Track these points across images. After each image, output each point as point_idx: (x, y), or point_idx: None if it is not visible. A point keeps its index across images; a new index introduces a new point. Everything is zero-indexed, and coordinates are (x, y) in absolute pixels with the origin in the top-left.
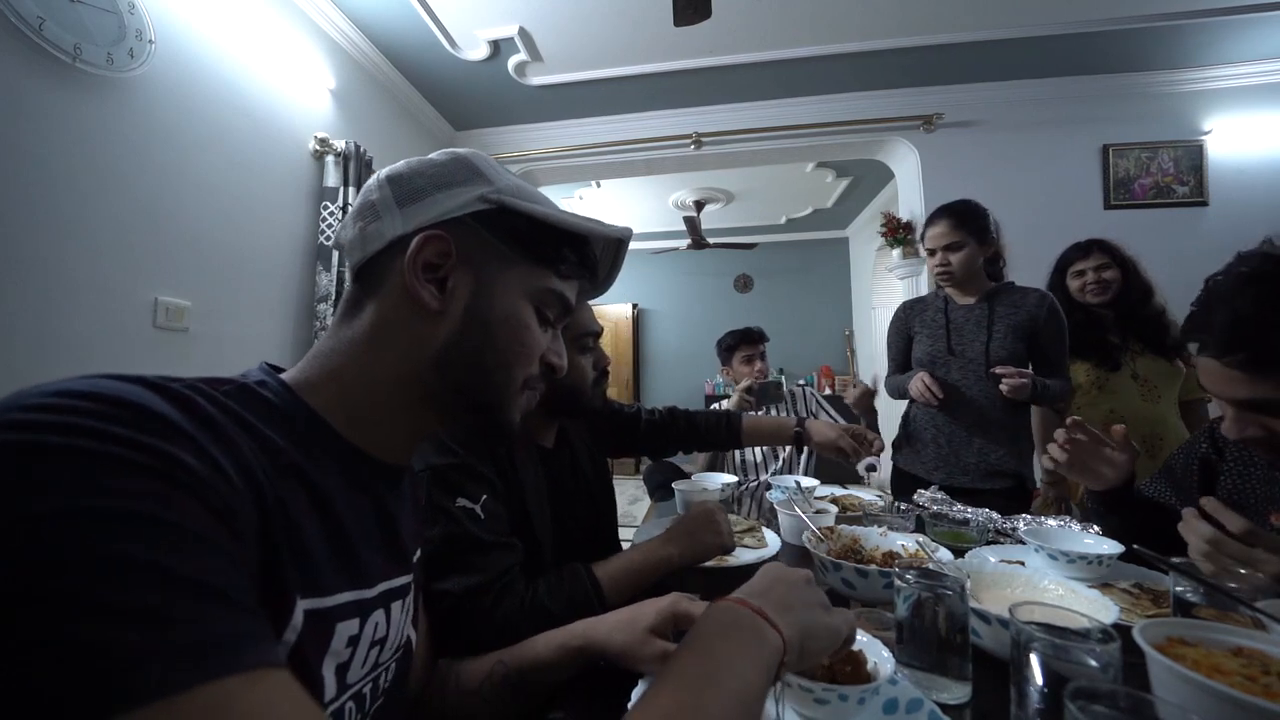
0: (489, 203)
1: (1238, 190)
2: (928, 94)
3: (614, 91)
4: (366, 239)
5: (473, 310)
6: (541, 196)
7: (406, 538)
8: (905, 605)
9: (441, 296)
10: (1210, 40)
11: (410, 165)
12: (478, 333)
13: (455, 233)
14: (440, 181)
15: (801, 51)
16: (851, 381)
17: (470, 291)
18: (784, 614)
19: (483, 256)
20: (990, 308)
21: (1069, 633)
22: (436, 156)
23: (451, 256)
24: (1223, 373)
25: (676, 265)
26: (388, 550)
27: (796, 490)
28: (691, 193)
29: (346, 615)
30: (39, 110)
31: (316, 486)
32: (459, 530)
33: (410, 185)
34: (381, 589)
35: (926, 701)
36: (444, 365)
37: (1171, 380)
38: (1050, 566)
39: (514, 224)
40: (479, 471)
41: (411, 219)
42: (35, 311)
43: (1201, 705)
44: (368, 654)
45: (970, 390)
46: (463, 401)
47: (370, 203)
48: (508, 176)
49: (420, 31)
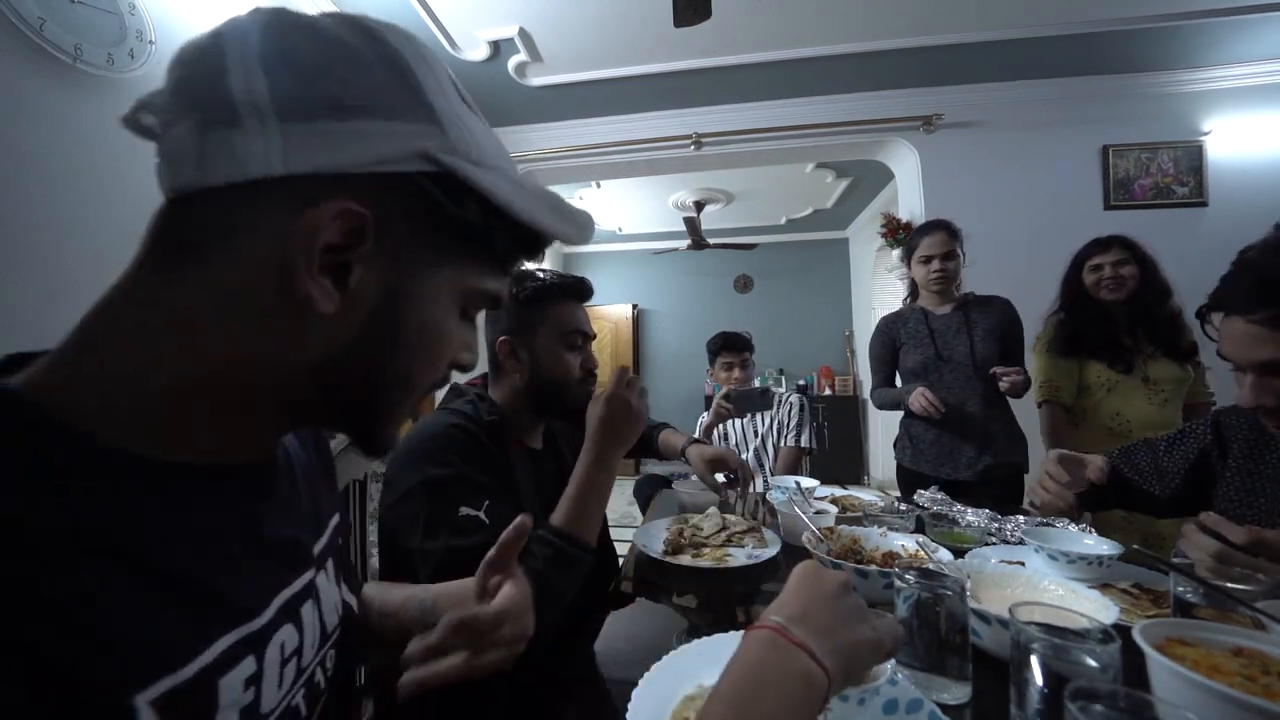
0: (432, 163)
1: (1238, 191)
2: (928, 94)
3: (614, 92)
4: (209, 158)
5: (379, 318)
6: (501, 148)
7: (302, 530)
8: (905, 605)
9: (338, 295)
10: (1210, 40)
11: (308, 39)
12: (379, 344)
13: (376, 202)
14: (353, 95)
15: (801, 52)
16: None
17: (381, 293)
18: (827, 640)
19: (407, 245)
20: (966, 314)
21: (1069, 633)
22: (340, 33)
23: (366, 242)
24: (1246, 331)
25: (676, 265)
26: (274, 560)
27: (796, 490)
28: (691, 193)
29: (230, 664)
30: (39, 110)
31: (123, 544)
32: (465, 542)
33: (305, 84)
34: (277, 605)
35: (926, 702)
36: (324, 378)
37: (1180, 385)
38: (1050, 567)
39: (462, 203)
40: (478, 480)
41: (299, 153)
42: (36, 312)
43: (1201, 705)
44: (281, 674)
45: (960, 391)
46: (340, 417)
47: (226, 93)
48: (464, 112)
49: (420, 31)
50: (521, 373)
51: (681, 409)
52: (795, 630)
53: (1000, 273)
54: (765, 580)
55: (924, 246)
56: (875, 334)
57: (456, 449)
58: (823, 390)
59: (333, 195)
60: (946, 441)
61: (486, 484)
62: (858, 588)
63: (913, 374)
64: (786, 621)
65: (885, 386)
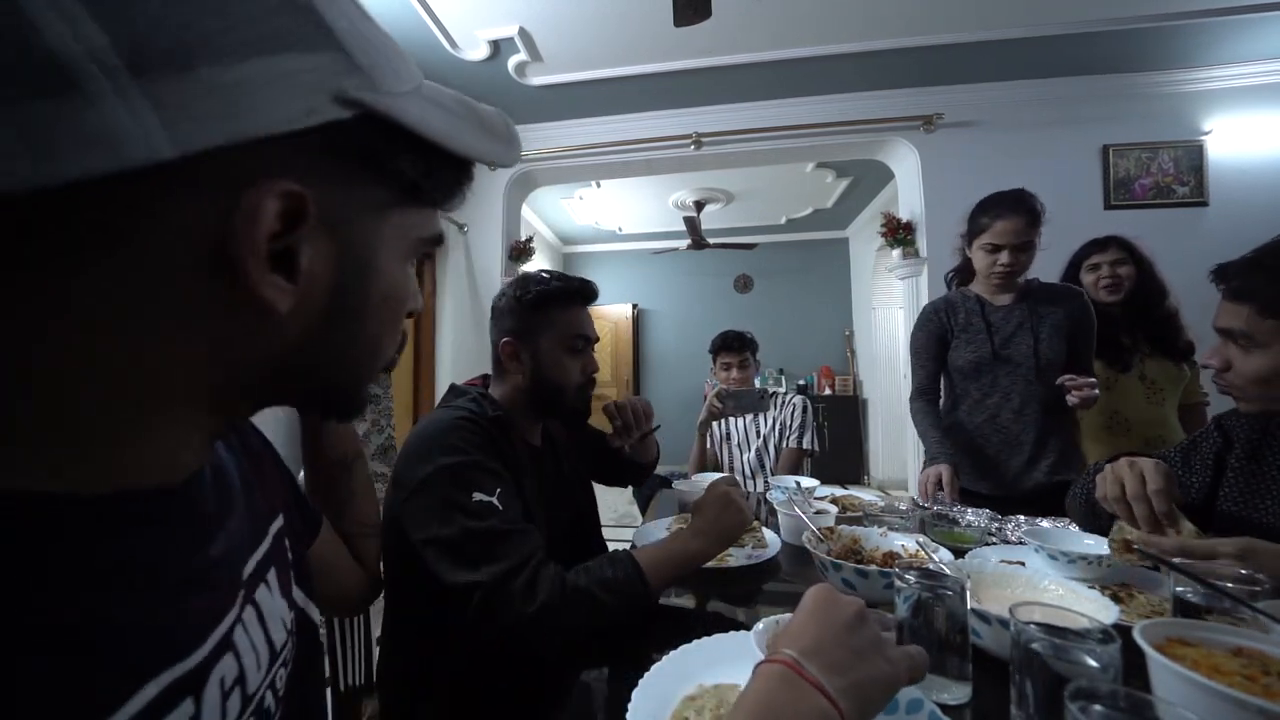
0: (354, 107)
1: (1238, 190)
2: (928, 94)
3: (614, 91)
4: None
5: (338, 298)
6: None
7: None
8: (905, 605)
9: (292, 286)
10: (1210, 40)
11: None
12: (344, 324)
13: (303, 169)
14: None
15: (801, 51)
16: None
17: (334, 270)
18: (843, 677)
19: (347, 210)
20: (1030, 307)
21: (1069, 633)
22: None
23: (308, 220)
24: (1221, 303)
25: (676, 265)
26: (206, 588)
27: (796, 490)
28: (691, 193)
29: (164, 709)
30: None
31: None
32: (479, 525)
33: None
34: (215, 638)
35: (926, 702)
36: (283, 374)
37: (1176, 384)
38: (1050, 566)
39: (395, 149)
40: (491, 467)
41: (179, 122)
42: None
43: (1201, 705)
44: (224, 708)
45: (1018, 397)
46: (305, 399)
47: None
48: (369, 28)
49: (420, 31)
50: (523, 374)
51: (681, 409)
52: (810, 667)
53: None
54: (765, 580)
55: (996, 233)
56: (919, 324)
57: (467, 438)
58: (823, 390)
59: (253, 173)
60: (992, 452)
61: (498, 472)
62: (857, 587)
63: (962, 373)
64: (800, 656)
65: (928, 384)
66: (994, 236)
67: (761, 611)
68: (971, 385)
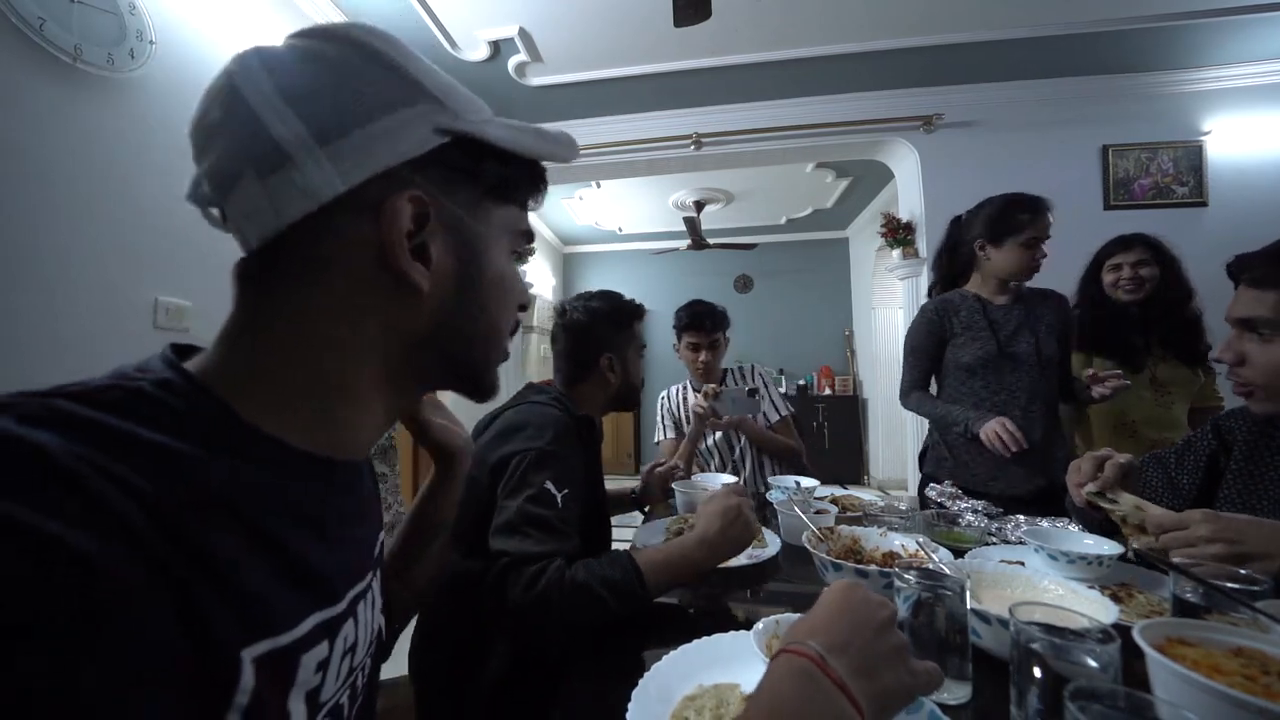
0: (446, 134)
1: (1237, 191)
2: (928, 94)
3: (614, 92)
4: (278, 199)
5: (463, 279)
6: (478, 101)
7: (370, 533)
8: (905, 605)
9: (428, 271)
10: (1210, 40)
11: (309, 73)
12: (471, 303)
13: (423, 184)
14: (371, 103)
15: (802, 51)
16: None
17: (456, 256)
18: (867, 682)
19: (455, 209)
20: (1026, 308)
21: (1069, 633)
22: (331, 52)
23: (431, 220)
24: (1240, 294)
25: (676, 265)
26: (353, 556)
27: (796, 490)
28: (691, 193)
29: (313, 643)
30: (39, 110)
31: (257, 515)
32: (537, 509)
33: (328, 110)
34: (349, 597)
35: (926, 702)
36: (428, 346)
37: (1187, 387)
38: (1050, 567)
39: (482, 156)
40: (573, 465)
41: (346, 167)
42: (36, 312)
43: (1201, 705)
44: (340, 666)
45: (1025, 393)
46: (448, 376)
47: (271, 140)
48: (442, 77)
49: (420, 32)
50: (615, 381)
51: None
52: (835, 666)
53: None
54: (765, 580)
55: (1037, 227)
56: (917, 322)
57: (562, 433)
58: (823, 390)
59: (390, 190)
60: (997, 456)
61: (573, 475)
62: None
63: (968, 371)
64: (826, 652)
65: (922, 383)
66: (1037, 231)
67: (762, 611)
68: (976, 383)
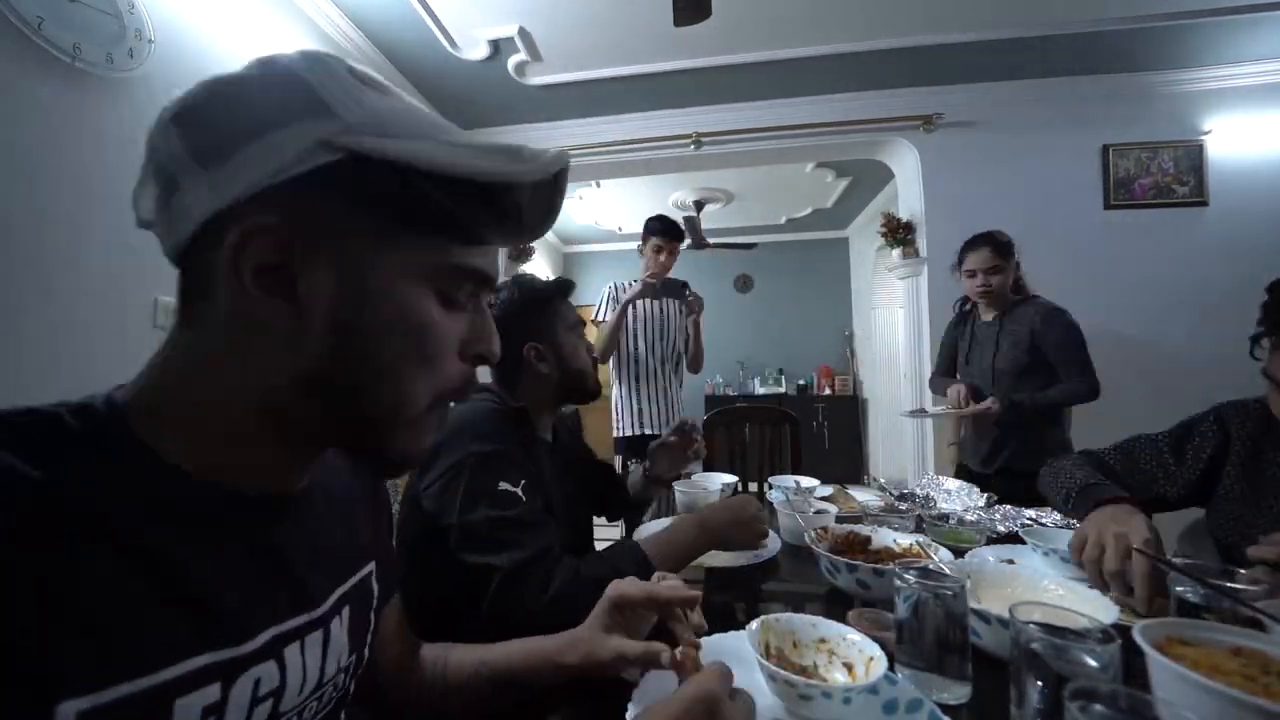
0: (335, 150)
1: (1238, 190)
2: (928, 94)
3: (614, 91)
4: (172, 217)
5: (342, 317)
6: (425, 119)
7: (315, 566)
8: (905, 605)
9: (292, 307)
10: (1210, 40)
11: (209, 89)
12: (352, 343)
13: (293, 208)
14: (253, 119)
15: (801, 51)
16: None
17: (333, 292)
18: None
19: (341, 236)
20: (1002, 323)
21: (1069, 633)
22: (247, 71)
23: (294, 248)
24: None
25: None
26: (278, 593)
27: (796, 490)
28: (691, 193)
29: (194, 685)
30: (39, 110)
31: (134, 543)
32: (503, 512)
33: (211, 128)
34: (267, 637)
35: (926, 701)
36: (314, 390)
37: None
38: (1050, 566)
39: (380, 179)
40: (518, 458)
41: (222, 187)
42: (36, 312)
43: (1201, 705)
44: (251, 713)
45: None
46: (345, 433)
47: (160, 161)
48: (363, 93)
49: (420, 31)
50: (552, 371)
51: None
52: None
53: None
54: (765, 580)
55: (969, 261)
56: (946, 328)
57: (498, 426)
58: (823, 390)
59: (248, 213)
60: (976, 436)
61: (523, 464)
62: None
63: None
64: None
65: (947, 372)
66: (973, 264)
67: (761, 610)
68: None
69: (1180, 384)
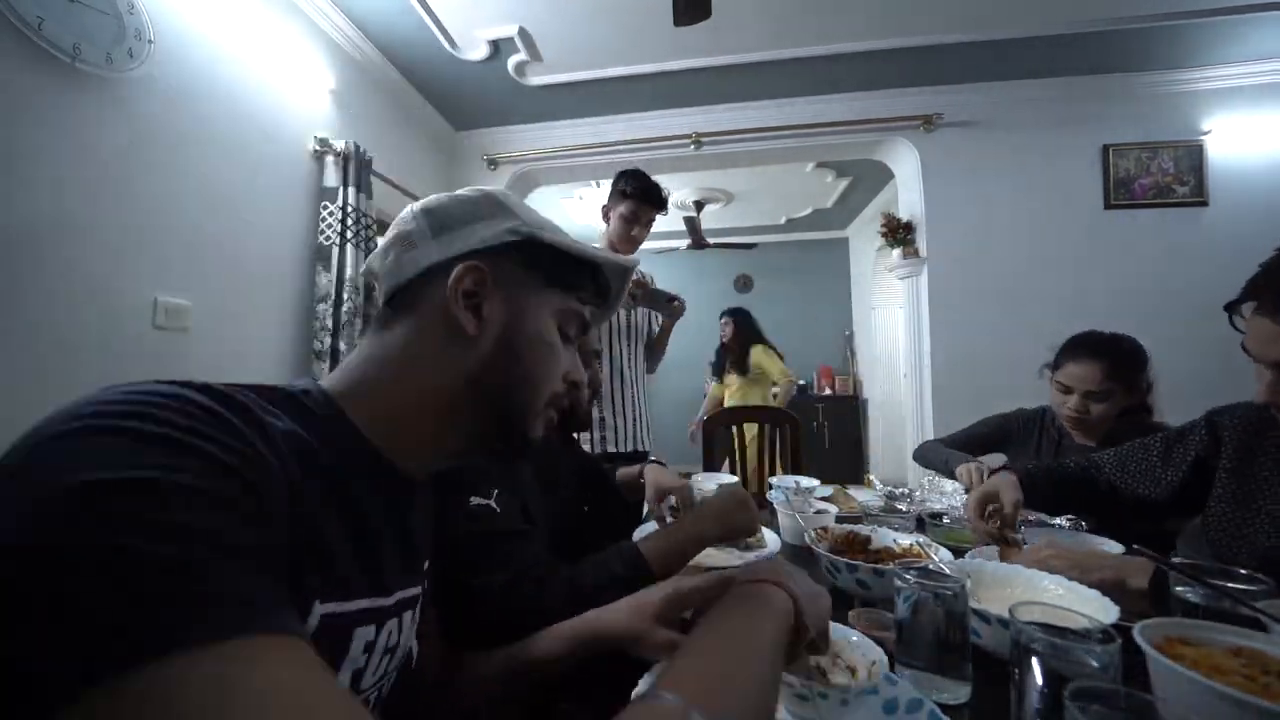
0: (518, 234)
1: (1238, 190)
2: (928, 94)
3: (614, 91)
4: (402, 266)
5: (506, 333)
6: (559, 229)
7: (421, 549)
8: (905, 605)
9: (478, 321)
10: (1210, 40)
11: (443, 199)
12: (509, 354)
13: (489, 262)
14: (472, 215)
15: (801, 51)
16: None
17: (503, 316)
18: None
19: (514, 284)
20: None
21: (1069, 633)
22: (467, 192)
23: (487, 284)
24: (1272, 331)
25: (676, 265)
26: (405, 560)
27: (796, 490)
28: (691, 193)
29: (364, 621)
30: (39, 110)
31: (346, 490)
32: (480, 528)
33: (444, 217)
34: (398, 597)
35: (926, 701)
36: (476, 383)
37: None
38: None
39: (540, 254)
40: (485, 469)
41: (446, 248)
42: (36, 311)
43: (1201, 705)
44: (380, 661)
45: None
46: (491, 416)
47: (406, 233)
48: (531, 212)
49: (420, 31)
50: None
51: (680, 410)
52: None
53: (1000, 272)
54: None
55: (1068, 372)
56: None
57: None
58: (823, 390)
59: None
60: None
61: (494, 474)
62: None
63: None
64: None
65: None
66: (1064, 377)
67: None
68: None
69: (1180, 384)
